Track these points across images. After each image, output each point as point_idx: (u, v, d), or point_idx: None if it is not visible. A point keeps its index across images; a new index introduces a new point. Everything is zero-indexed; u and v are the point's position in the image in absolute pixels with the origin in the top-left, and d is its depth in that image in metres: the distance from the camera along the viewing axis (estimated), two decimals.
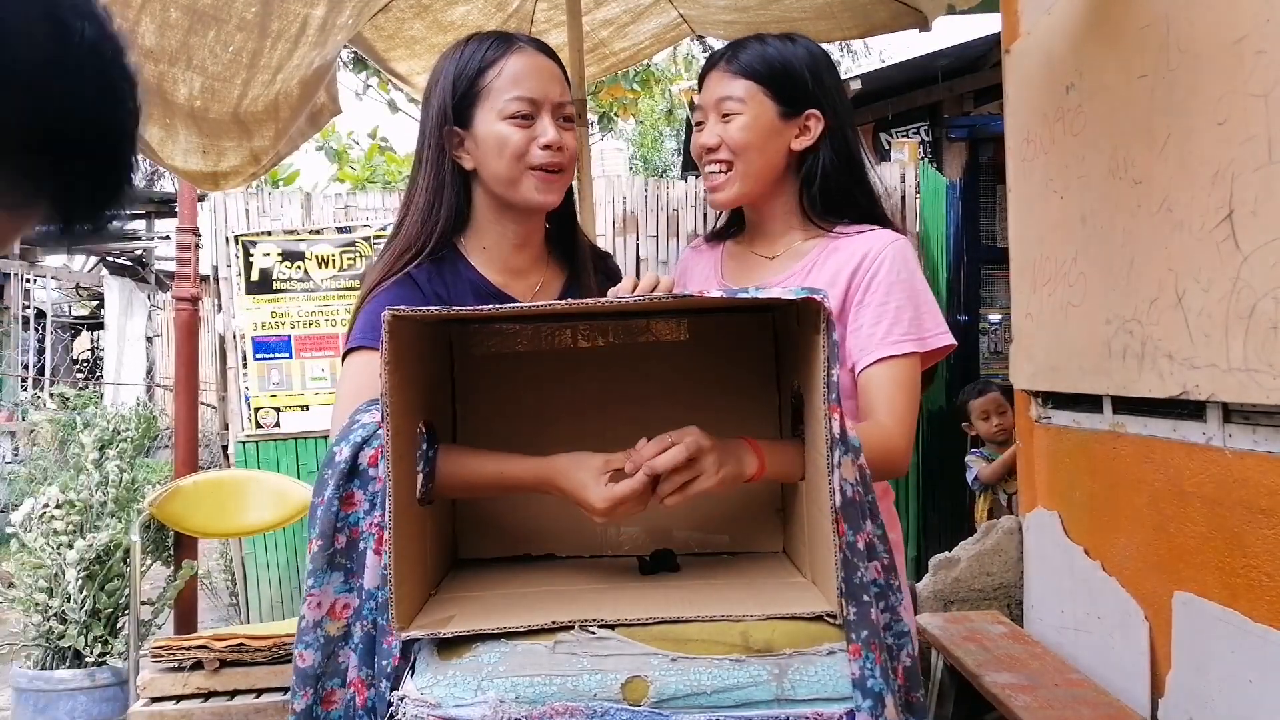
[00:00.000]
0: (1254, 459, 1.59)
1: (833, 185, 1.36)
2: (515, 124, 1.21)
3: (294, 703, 1.08)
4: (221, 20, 1.73)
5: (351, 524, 1.08)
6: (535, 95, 1.22)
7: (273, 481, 3.10)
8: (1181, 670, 1.80)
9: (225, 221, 3.63)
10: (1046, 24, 2.26)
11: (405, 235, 1.26)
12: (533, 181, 1.23)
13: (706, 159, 1.35)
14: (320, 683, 1.08)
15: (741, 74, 1.33)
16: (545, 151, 1.22)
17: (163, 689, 2.33)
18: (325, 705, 1.09)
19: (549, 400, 1.23)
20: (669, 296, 1.05)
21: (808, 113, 1.34)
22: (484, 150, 1.24)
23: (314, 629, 1.07)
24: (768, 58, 1.35)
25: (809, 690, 0.93)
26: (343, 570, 1.08)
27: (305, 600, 1.08)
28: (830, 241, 1.36)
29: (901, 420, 1.24)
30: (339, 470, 1.08)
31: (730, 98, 1.32)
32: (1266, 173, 1.47)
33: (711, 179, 1.35)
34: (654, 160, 11.59)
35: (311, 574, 1.07)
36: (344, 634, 1.08)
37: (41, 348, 8.61)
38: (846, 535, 0.96)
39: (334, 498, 1.07)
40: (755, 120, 1.32)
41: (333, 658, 1.08)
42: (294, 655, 1.08)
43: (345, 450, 1.08)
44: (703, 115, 1.35)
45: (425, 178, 1.27)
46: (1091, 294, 2.07)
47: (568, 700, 0.91)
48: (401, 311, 0.94)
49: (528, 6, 2.55)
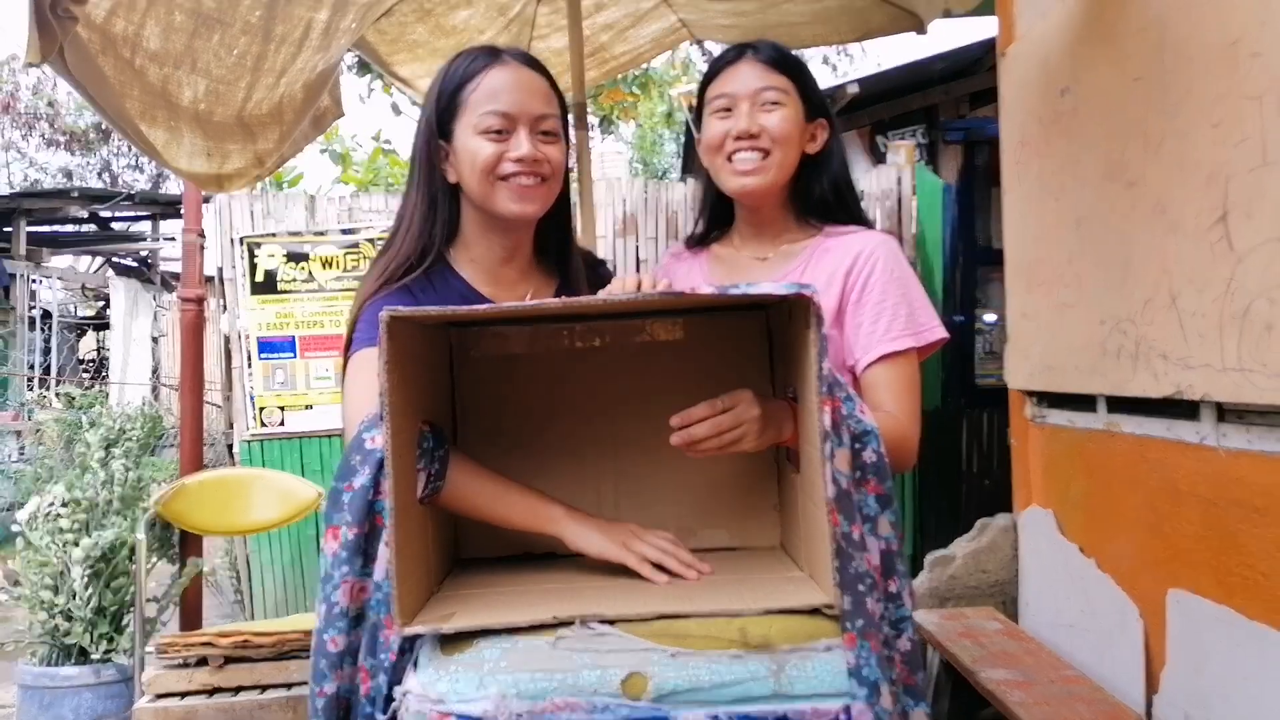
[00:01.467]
0: (1248, 458, 1.61)
1: (829, 191, 1.40)
2: (488, 138, 1.22)
3: (324, 686, 1.08)
4: (226, 24, 1.75)
5: (377, 511, 1.08)
6: (510, 109, 1.22)
7: (277, 480, 3.11)
8: (1176, 667, 1.81)
9: (230, 223, 3.65)
10: (1042, 27, 2.27)
11: (397, 248, 1.27)
12: (506, 193, 1.23)
13: (739, 145, 1.34)
14: (344, 662, 1.08)
15: (779, 69, 1.36)
16: (517, 165, 1.22)
17: (167, 685, 2.33)
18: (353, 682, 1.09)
19: (548, 401, 1.24)
20: (661, 294, 1.06)
21: (819, 120, 1.39)
22: (461, 164, 1.25)
23: (345, 615, 1.07)
24: (797, 60, 1.39)
25: (807, 686, 0.94)
26: (365, 555, 1.08)
27: (340, 587, 1.07)
28: (822, 241, 1.39)
29: (911, 414, 1.30)
30: (374, 458, 1.07)
31: (774, 88, 1.34)
32: (1260, 174, 1.48)
33: (744, 163, 1.34)
34: (654, 163, 11.61)
35: (344, 561, 1.06)
36: (359, 615, 1.09)
37: (47, 348, 8.64)
38: (841, 526, 0.98)
39: (369, 485, 1.06)
40: (794, 115, 1.35)
41: (354, 637, 1.08)
42: (324, 640, 1.07)
43: (378, 438, 1.06)
44: (730, 103, 1.35)
45: (416, 191, 1.28)
46: (1086, 295, 2.08)
47: (569, 695, 0.92)
48: (399, 312, 0.96)
49: (529, 11, 2.57)
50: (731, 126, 1.34)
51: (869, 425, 1.07)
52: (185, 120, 1.83)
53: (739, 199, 1.41)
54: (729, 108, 1.36)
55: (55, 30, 1.26)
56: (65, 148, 12.84)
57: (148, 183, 12.81)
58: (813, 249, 1.39)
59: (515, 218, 1.26)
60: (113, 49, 1.55)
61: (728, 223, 1.48)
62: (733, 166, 1.36)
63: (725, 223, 1.49)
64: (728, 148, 1.35)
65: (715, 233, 1.50)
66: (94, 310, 10.79)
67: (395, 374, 0.97)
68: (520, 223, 1.29)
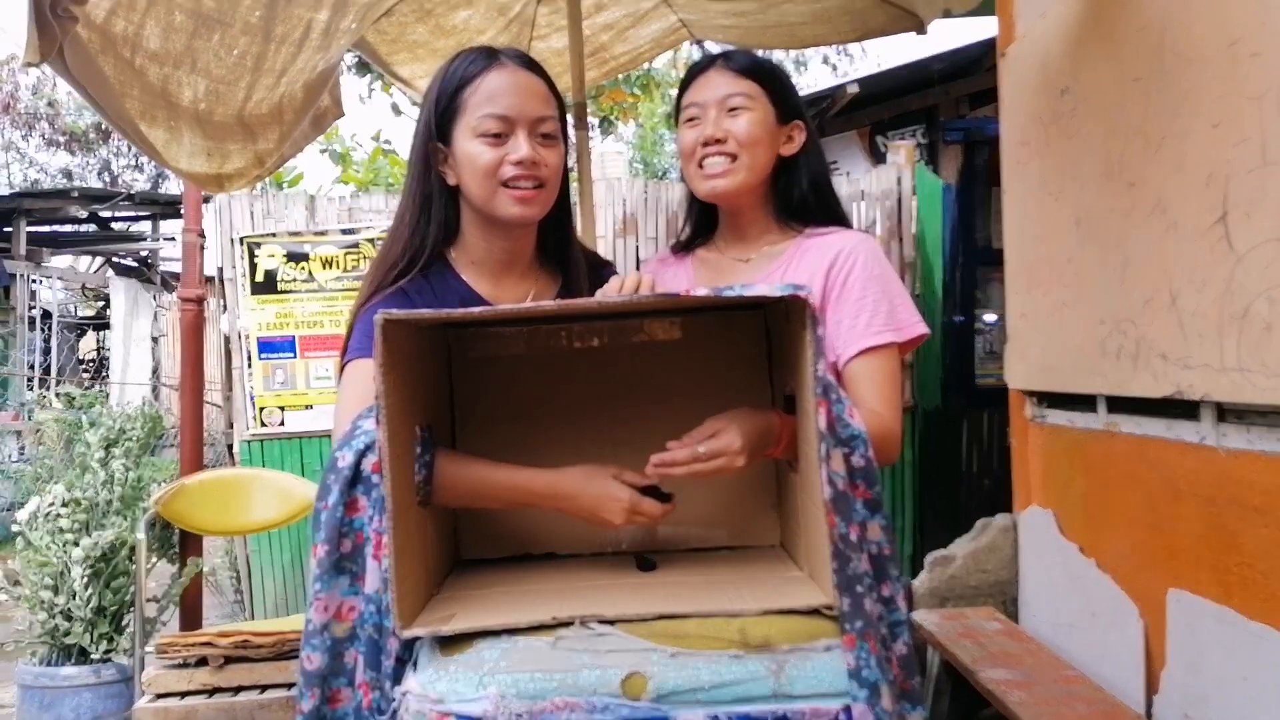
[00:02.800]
0: (1248, 458, 1.60)
1: (809, 192, 1.43)
2: (487, 141, 1.22)
3: (301, 704, 1.10)
4: (226, 24, 1.75)
5: (356, 529, 1.09)
6: (509, 112, 1.22)
7: (277, 480, 3.11)
8: (1176, 667, 1.81)
9: (230, 223, 3.64)
10: (1041, 27, 2.27)
11: (394, 249, 1.27)
12: (506, 197, 1.24)
13: (706, 151, 1.38)
14: (327, 683, 1.09)
15: (746, 74, 1.39)
16: (517, 168, 1.22)
17: (168, 685, 2.34)
18: (332, 704, 1.10)
19: (546, 402, 1.24)
20: (656, 296, 1.07)
21: (794, 122, 1.42)
22: (461, 166, 1.25)
23: (321, 632, 1.09)
24: (767, 66, 1.42)
25: (806, 686, 0.94)
26: (349, 574, 1.10)
27: (311, 605, 1.09)
28: (803, 241, 1.42)
29: (893, 408, 1.32)
30: (343, 476, 1.09)
31: (739, 93, 1.38)
32: (1260, 175, 1.48)
33: (712, 168, 1.38)
34: (654, 163, 11.62)
35: (318, 579, 1.08)
36: (350, 635, 1.09)
37: (47, 348, 8.63)
38: (839, 527, 0.98)
39: (339, 503, 1.09)
40: (762, 118, 1.38)
41: (339, 658, 1.09)
42: (301, 658, 1.09)
43: (348, 456, 1.09)
44: (699, 112, 1.40)
45: (413, 193, 1.28)
46: (1086, 295, 2.08)
47: (568, 695, 0.92)
48: (395, 315, 0.96)
49: (529, 11, 2.57)
50: (700, 133, 1.38)
51: (857, 429, 1.07)
52: (185, 120, 1.83)
53: (713, 202, 1.44)
54: (697, 116, 1.40)
55: (55, 30, 1.26)
56: (65, 148, 12.83)
57: (147, 183, 12.80)
58: (794, 249, 1.42)
59: (514, 221, 1.26)
60: (113, 49, 1.55)
61: (711, 228, 1.52)
62: (703, 172, 1.40)
63: (709, 228, 1.52)
64: (698, 154, 1.39)
65: (699, 238, 1.53)
66: (94, 310, 10.78)
67: (391, 377, 0.97)
68: (519, 226, 1.29)
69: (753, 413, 1.11)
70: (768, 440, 1.10)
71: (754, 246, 1.45)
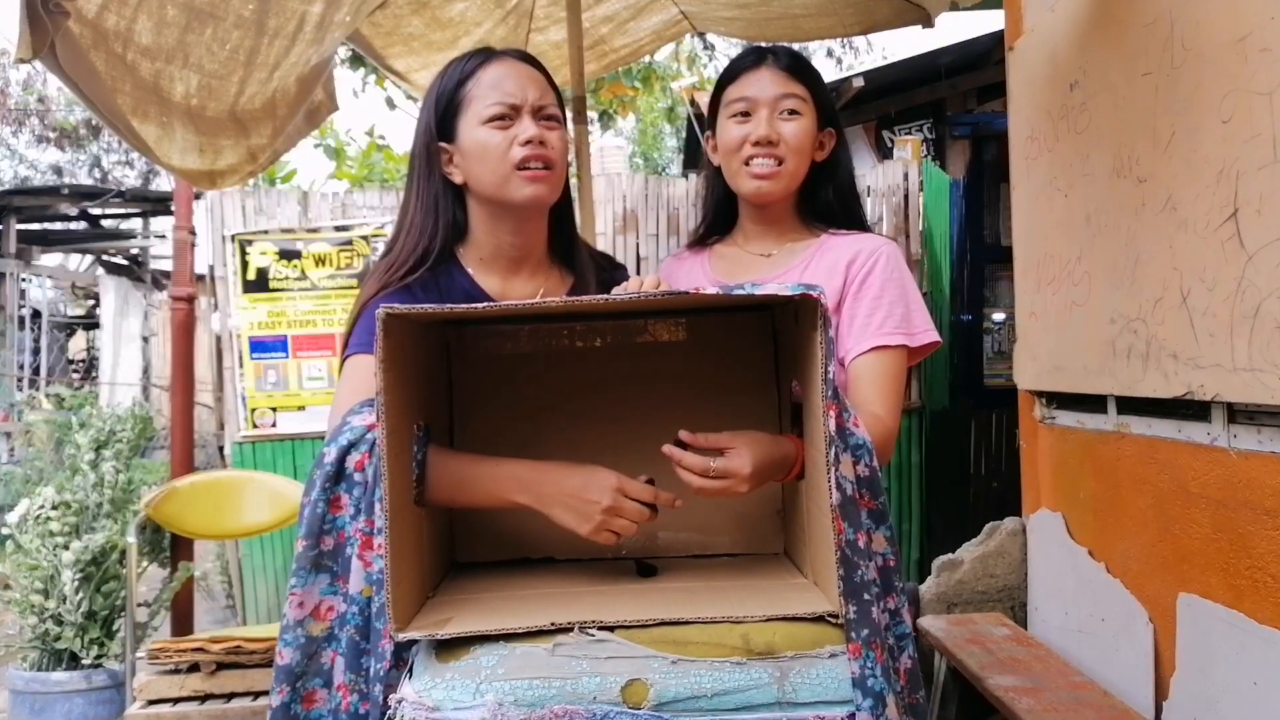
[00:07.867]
0: (1259, 459, 1.59)
1: (836, 198, 1.44)
2: (495, 126, 1.24)
3: (271, 698, 1.11)
4: (219, 18, 1.72)
5: (338, 527, 1.09)
6: (513, 99, 1.24)
7: (269, 483, 3.08)
8: (1186, 673, 1.79)
9: (221, 220, 3.61)
10: (1050, 21, 2.26)
11: (399, 252, 1.27)
12: (519, 179, 1.24)
13: (757, 150, 1.37)
14: (300, 681, 1.10)
15: (800, 78, 1.40)
16: (526, 147, 1.23)
17: (159, 691, 2.32)
18: (305, 704, 1.11)
19: (547, 402, 1.22)
20: (665, 293, 1.04)
21: (829, 129, 1.43)
22: (469, 158, 1.25)
23: (295, 628, 1.09)
24: (814, 70, 1.43)
25: (810, 693, 0.93)
26: (329, 573, 1.10)
27: (288, 599, 1.09)
28: (827, 239, 1.43)
29: (893, 410, 1.32)
30: (326, 472, 1.09)
31: (795, 95, 1.38)
32: (1271, 171, 1.47)
33: (760, 168, 1.38)
34: (654, 158, 11.60)
35: (295, 574, 1.09)
36: (328, 635, 1.10)
37: (37, 348, 8.60)
38: (846, 533, 0.96)
39: (320, 500, 1.09)
40: (810, 126, 1.39)
41: (314, 658, 1.10)
42: (275, 653, 1.10)
43: (333, 452, 1.09)
44: (749, 107, 1.38)
45: (418, 197, 1.29)
46: (1096, 293, 2.06)
47: (567, 703, 0.91)
48: (396, 309, 0.94)
49: (527, 3, 2.54)
50: (750, 131, 1.37)
51: (862, 439, 1.07)
52: (177, 116, 1.80)
53: (755, 202, 1.43)
54: (748, 112, 1.39)
55: (46, 25, 1.25)
56: (55, 144, 12.79)
57: (138, 179, 12.74)
58: (817, 246, 1.42)
59: (529, 203, 1.26)
60: (104, 44, 1.53)
61: (730, 224, 1.51)
62: (749, 170, 1.38)
63: (727, 224, 1.51)
64: (745, 152, 1.38)
65: (715, 235, 1.52)
66: (84, 309, 10.75)
67: (392, 373, 0.96)
68: (533, 211, 1.29)
69: (771, 440, 1.09)
70: (779, 470, 1.09)
71: (776, 242, 1.45)
